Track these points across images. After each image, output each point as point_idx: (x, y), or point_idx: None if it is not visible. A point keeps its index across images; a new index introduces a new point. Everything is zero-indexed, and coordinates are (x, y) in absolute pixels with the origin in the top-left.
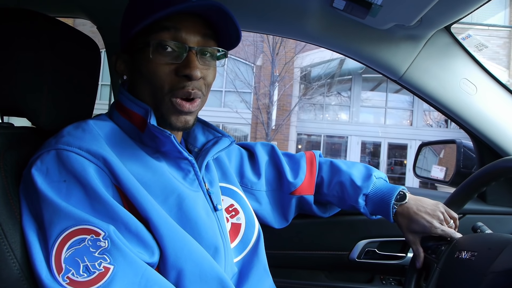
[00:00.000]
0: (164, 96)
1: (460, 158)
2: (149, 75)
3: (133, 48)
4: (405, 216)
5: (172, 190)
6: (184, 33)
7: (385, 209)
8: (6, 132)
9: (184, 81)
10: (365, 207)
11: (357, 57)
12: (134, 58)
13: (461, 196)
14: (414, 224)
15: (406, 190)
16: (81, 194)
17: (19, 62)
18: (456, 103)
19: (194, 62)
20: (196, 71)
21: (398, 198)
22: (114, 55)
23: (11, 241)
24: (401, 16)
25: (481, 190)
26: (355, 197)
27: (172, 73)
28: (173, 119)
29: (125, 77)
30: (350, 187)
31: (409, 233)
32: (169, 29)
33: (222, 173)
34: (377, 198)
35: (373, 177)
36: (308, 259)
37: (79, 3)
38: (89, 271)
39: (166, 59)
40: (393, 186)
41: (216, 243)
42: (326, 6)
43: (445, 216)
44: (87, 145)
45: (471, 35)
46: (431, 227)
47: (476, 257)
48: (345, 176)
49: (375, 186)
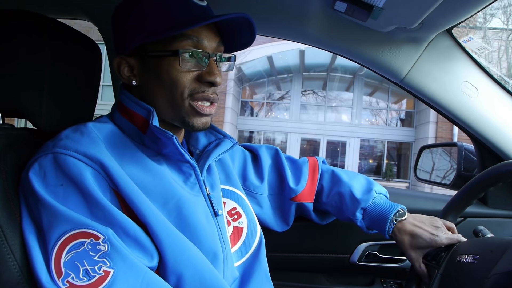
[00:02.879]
0: (184, 100)
1: (461, 161)
2: (171, 81)
3: (145, 54)
4: (407, 232)
5: (172, 194)
6: (206, 41)
7: (382, 225)
8: (7, 133)
9: (205, 87)
10: (362, 221)
11: (358, 59)
12: (147, 63)
13: (462, 200)
14: (418, 239)
15: (405, 208)
16: (78, 198)
17: (20, 63)
18: (458, 106)
19: (216, 69)
20: (218, 77)
21: (397, 215)
22: (116, 59)
23: (11, 244)
24: (403, 18)
25: (482, 193)
26: (352, 210)
27: (194, 79)
28: (195, 121)
29: (134, 83)
30: (349, 199)
31: (412, 250)
32: (192, 38)
33: (225, 175)
34: (375, 213)
35: (373, 192)
36: (308, 261)
37: (80, 5)
38: (89, 275)
39: (191, 67)
40: (392, 203)
41: (215, 249)
42: (327, 9)
43: (443, 226)
44: (84, 148)
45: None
46: (436, 238)
47: (478, 260)
48: (345, 187)
49: (375, 201)
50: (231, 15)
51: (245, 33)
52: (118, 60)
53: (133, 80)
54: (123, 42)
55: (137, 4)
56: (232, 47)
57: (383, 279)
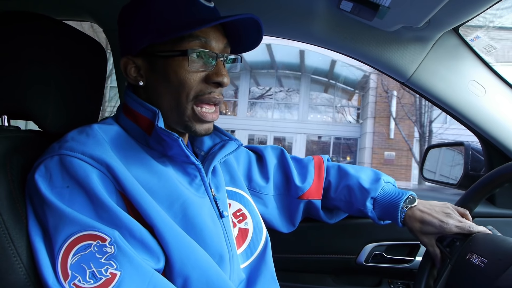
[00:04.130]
0: (188, 103)
1: (468, 161)
2: (178, 82)
3: (152, 54)
4: (417, 219)
5: (177, 196)
6: (214, 42)
7: (394, 213)
8: (13, 135)
9: (212, 88)
10: (373, 211)
11: (363, 59)
12: (155, 63)
13: (471, 200)
14: (427, 226)
15: (415, 195)
16: (84, 200)
17: (26, 65)
18: (465, 105)
19: (224, 69)
20: (226, 78)
21: (407, 202)
22: (123, 60)
23: (17, 246)
24: (409, 17)
25: (492, 192)
26: (362, 200)
27: (201, 80)
28: (198, 126)
29: (141, 83)
30: (357, 190)
31: (423, 235)
32: (200, 38)
33: (230, 176)
34: (385, 201)
35: (382, 181)
36: (315, 262)
37: (86, 7)
38: (96, 278)
39: (199, 67)
40: (402, 190)
41: (221, 251)
42: (333, 8)
43: (455, 213)
44: (90, 150)
45: (480, 36)
46: (445, 225)
47: (485, 265)
48: (353, 179)
49: (384, 190)
50: (240, 16)
51: (251, 34)
52: (125, 60)
53: (140, 80)
54: (130, 42)
55: (144, 5)
56: (238, 48)
57: (391, 280)
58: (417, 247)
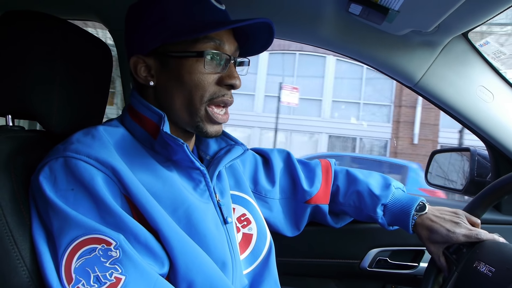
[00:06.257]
0: (202, 104)
1: (474, 167)
2: (192, 83)
3: (165, 54)
4: (425, 227)
5: (182, 201)
6: (227, 45)
7: (405, 220)
8: (17, 135)
9: (225, 90)
10: (383, 218)
11: (371, 62)
12: (167, 64)
13: (479, 206)
14: (435, 234)
15: (425, 201)
16: (89, 203)
17: (31, 65)
18: (472, 111)
19: (236, 72)
20: (238, 80)
21: (418, 208)
22: (133, 59)
23: (21, 249)
24: (419, 22)
25: (500, 199)
26: (373, 207)
27: (214, 82)
28: (209, 127)
29: (151, 83)
30: (367, 196)
31: (431, 244)
32: (215, 40)
33: (235, 181)
34: (396, 208)
35: (392, 187)
36: (318, 267)
37: (91, 6)
38: (100, 282)
39: (213, 69)
40: (412, 196)
41: (224, 257)
42: (342, 11)
43: (464, 222)
44: (96, 153)
45: (489, 41)
46: (452, 234)
47: (493, 274)
48: (363, 185)
49: (394, 196)
50: (256, 20)
51: (261, 37)
52: (135, 59)
53: (151, 80)
54: (141, 41)
55: (157, 4)
56: (246, 51)
57: (394, 285)
58: (421, 253)
